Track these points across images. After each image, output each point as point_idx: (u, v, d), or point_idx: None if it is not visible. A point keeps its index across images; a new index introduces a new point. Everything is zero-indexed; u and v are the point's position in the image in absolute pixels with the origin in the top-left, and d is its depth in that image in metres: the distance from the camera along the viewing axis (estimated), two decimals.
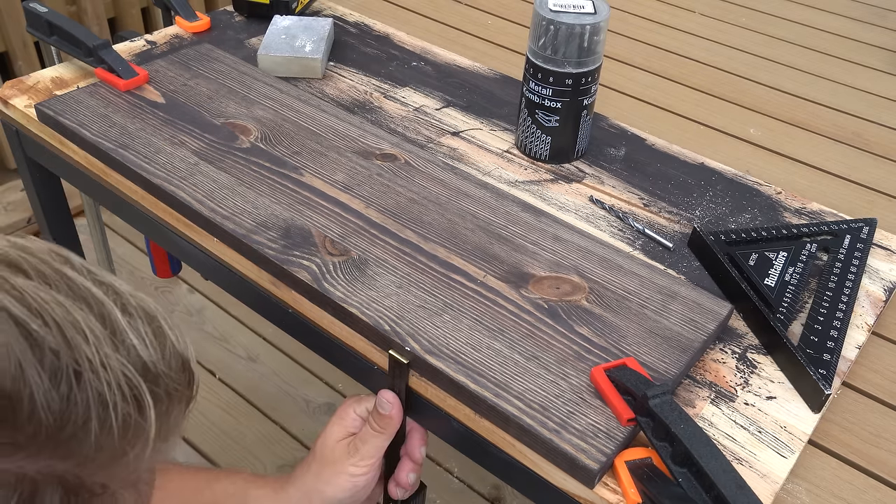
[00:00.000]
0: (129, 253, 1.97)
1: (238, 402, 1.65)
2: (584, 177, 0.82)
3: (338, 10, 1.10)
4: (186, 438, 1.57)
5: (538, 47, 0.77)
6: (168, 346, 0.34)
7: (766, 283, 0.68)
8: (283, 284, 0.66)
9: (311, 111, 0.83)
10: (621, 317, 0.62)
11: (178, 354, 0.35)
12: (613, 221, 0.76)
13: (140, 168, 0.73)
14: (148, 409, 0.32)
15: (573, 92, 0.78)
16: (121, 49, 0.95)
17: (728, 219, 0.78)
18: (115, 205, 0.81)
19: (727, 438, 0.57)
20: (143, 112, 0.81)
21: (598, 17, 0.75)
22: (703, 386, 0.61)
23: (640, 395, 0.52)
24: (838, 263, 0.71)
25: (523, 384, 0.56)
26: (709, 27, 1.23)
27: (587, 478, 0.52)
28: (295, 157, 0.76)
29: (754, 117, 1.00)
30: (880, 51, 1.20)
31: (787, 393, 0.61)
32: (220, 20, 1.04)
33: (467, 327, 0.60)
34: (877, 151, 0.95)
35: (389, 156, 0.78)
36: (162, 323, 0.35)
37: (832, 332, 0.64)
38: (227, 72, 0.88)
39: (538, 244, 0.69)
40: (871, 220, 0.77)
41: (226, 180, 0.73)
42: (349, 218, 0.70)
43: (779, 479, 0.54)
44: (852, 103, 1.05)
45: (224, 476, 0.65)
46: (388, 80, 0.95)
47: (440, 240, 0.68)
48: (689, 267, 0.71)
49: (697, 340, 0.61)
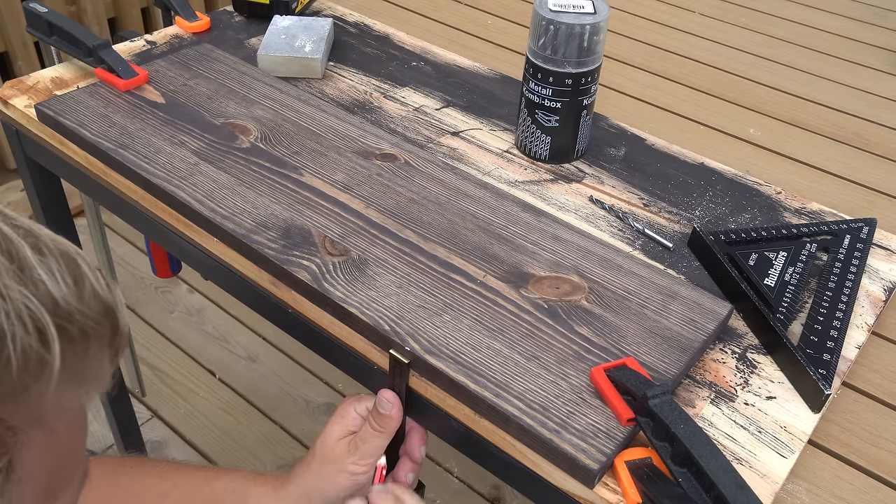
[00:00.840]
0: (129, 253, 1.97)
1: (238, 402, 1.65)
2: (583, 177, 0.82)
3: (338, 10, 1.10)
4: (186, 438, 1.57)
5: (538, 47, 0.77)
6: (87, 288, 0.34)
7: (766, 283, 0.68)
8: (283, 284, 0.66)
9: (311, 111, 0.83)
10: (621, 317, 0.62)
11: (100, 297, 0.34)
12: (613, 221, 0.76)
13: (140, 168, 0.73)
14: (52, 343, 0.31)
15: (573, 92, 0.78)
16: (121, 49, 0.95)
17: (728, 219, 0.78)
18: (115, 205, 0.81)
19: (727, 438, 0.57)
20: (143, 112, 0.81)
21: (598, 17, 0.75)
22: (702, 386, 0.61)
23: (639, 395, 0.52)
24: (838, 263, 0.71)
25: (523, 384, 0.56)
26: (709, 27, 1.23)
27: (587, 478, 0.52)
28: (295, 157, 0.76)
29: (754, 117, 1.00)
30: (880, 51, 1.20)
31: (787, 393, 0.61)
32: (219, 20, 1.04)
33: (467, 327, 0.60)
34: (877, 151, 0.95)
35: (389, 156, 0.78)
36: (82, 265, 0.34)
37: (832, 332, 0.64)
38: (227, 72, 0.88)
39: (538, 244, 0.69)
40: (870, 220, 0.77)
41: (226, 180, 0.73)
42: (349, 218, 0.70)
43: (779, 479, 0.54)
44: (852, 103, 1.05)
45: (224, 474, 0.65)
46: (387, 80, 0.95)
47: (440, 240, 0.68)
48: (689, 267, 0.71)
49: (697, 340, 0.61)
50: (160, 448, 1.56)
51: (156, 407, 1.63)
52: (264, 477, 0.64)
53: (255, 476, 0.64)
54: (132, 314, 1.81)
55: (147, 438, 1.54)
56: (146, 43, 0.98)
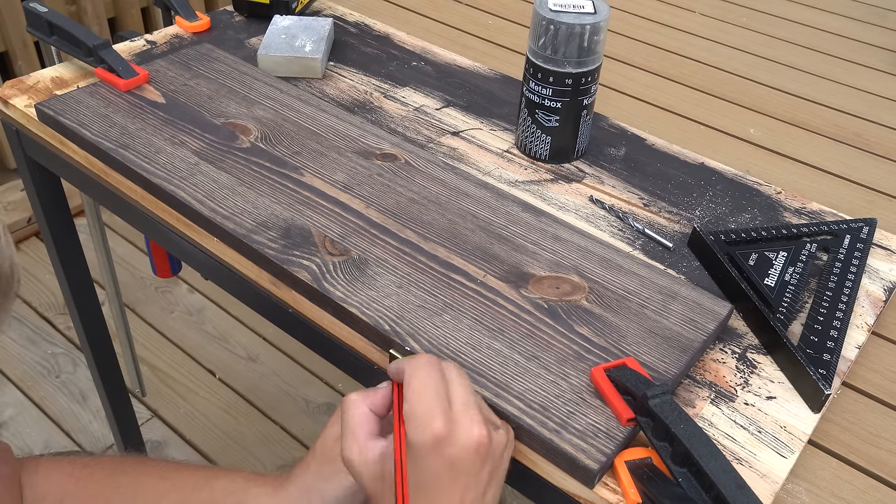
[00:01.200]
0: (129, 253, 1.97)
1: (238, 402, 1.65)
2: (584, 177, 0.82)
3: (338, 10, 1.10)
4: (186, 438, 1.57)
5: (538, 47, 0.77)
6: None
7: (766, 282, 0.68)
8: (283, 284, 0.66)
9: (312, 111, 0.83)
10: (621, 317, 0.62)
11: None
12: (613, 221, 0.76)
13: (140, 168, 0.73)
14: None
15: (573, 92, 0.78)
16: (121, 49, 0.95)
17: (728, 219, 0.78)
18: (116, 205, 0.81)
19: (727, 438, 0.57)
20: (144, 112, 0.81)
21: (598, 17, 0.75)
22: (702, 386, 0.61)
23: (639, 394, 0.52)
24: (838, 263, 0.71)
25: (523, 384, 0.56)
26: (709, 27, 1.23)
27: (587, 478, 0.52)
28: (295, 157, 0.76)
29: (754, 117, 1.00)
30: (881, 51, 1.20)
31: (787, 393, 0.61)
32: (220, 20, 1.04)
33: (467, 327, 0.60)
34: (877, 151, 0.95)
35: (389, 156, 0.78)
36: None
37: (832, 332, 0.64)
38: (228, 72, 0.88)
39: (538, 244, 0.69)
40: (871, 220, 0.77)
41: (226, 180, 0.73)
42: (349, 218, 0.70)
43: (779, 479, 0.54)
44: (853, 103, 1.05)
45: (224, 474, 0.65)
46: (388, 79, 0.95)
47: (440, 240, 0.68)
48: (689, 267, 0.71)
49: (697, 340, 0.61)
50: (160, 448, 1.56)
51: (156, 407, 1.64)
52: (264, 477, 0.64)
53: (255, 476, 0.64)
54: (133, 314, 1.81)
55: (147, 438, 1.54)
56: (146, 43, 0.98)
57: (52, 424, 1.59)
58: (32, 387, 1.65)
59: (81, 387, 1.65)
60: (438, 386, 0.50)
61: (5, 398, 1.63)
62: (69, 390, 1.65)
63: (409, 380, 0.51)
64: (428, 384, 0.50)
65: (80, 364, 1.69)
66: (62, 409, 1.61)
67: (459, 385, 0.51)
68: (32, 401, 1.63)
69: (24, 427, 1.58)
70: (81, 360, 1.70)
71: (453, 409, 0.49)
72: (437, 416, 0.48)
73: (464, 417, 0.49)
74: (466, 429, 0.48)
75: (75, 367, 1.69)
